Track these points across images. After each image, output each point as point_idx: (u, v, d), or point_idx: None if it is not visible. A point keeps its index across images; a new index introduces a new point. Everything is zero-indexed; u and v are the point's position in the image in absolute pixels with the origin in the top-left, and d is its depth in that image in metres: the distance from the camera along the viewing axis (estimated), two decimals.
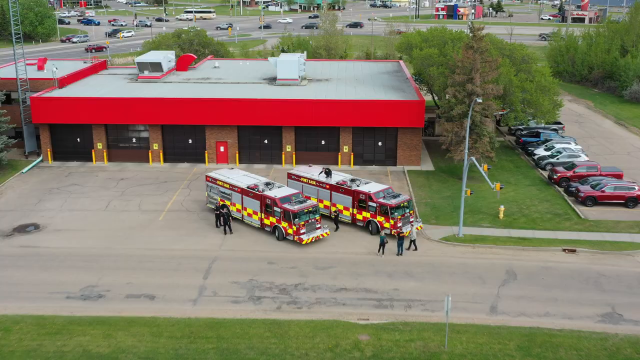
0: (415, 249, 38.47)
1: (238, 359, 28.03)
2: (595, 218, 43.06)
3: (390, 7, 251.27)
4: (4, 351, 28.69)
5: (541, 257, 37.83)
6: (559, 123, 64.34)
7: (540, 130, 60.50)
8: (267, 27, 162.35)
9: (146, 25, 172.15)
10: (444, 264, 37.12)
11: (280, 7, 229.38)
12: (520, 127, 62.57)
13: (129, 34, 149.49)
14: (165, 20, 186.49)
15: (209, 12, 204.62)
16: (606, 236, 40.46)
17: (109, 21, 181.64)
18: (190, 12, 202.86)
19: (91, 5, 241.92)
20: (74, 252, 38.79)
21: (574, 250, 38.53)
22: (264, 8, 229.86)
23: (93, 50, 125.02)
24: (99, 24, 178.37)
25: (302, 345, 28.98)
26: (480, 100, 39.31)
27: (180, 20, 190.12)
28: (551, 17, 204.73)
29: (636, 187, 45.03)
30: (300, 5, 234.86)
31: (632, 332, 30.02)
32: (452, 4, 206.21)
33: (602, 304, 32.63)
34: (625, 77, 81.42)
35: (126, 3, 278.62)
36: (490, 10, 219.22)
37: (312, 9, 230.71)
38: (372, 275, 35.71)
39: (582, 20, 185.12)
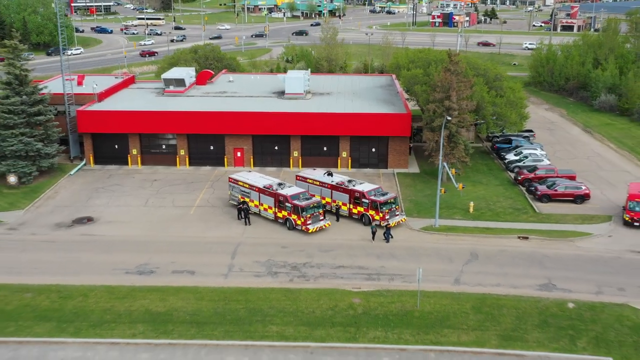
0: (387, 239, 47.45)
1: (262, 315, 37.50)
2: (548, 212, 52.51)
3: (394, 14, 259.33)
4: (86, 310, 38.20)
5: (500, 243, 47.27)
6: (530, 131, 73.81)
7: (512, 138, 69.84)
8: (217, 37, 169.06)
9: (157, 34, 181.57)
10: (422, 248, 46.56)
11: (284, 15, 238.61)
12: (497, 134, 71.84)
13: (77, 52, 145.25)
14: (182, 29, 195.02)
15: (158, 18, 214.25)
16: (554, 226, 49.89)
17: (121, 29, 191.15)
18: (142, 18, 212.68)
19: (101, 12, 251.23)
20: (125, 239, 48.32)
21: (526, 238, 47.98)
22: (266, 15, 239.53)
23: (147, 56, 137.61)
24: (111, 32, 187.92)
25: (310, 305, 38.44)
26: (449, 118, 48.74)
27: (127, 26, 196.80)
28: (543, 24, 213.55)
29: (583, 187, 54.48)
30: (302, 12, 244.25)
31: (560, 297, 39.44)
32: (447, 12, 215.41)
33: (542, 277, 42.07)
34: (595, 88, 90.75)
35: (133, 9, 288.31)
36: (485, 17, 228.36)
37: (313, 16, 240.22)
38: (364, 256, 45.18)
39: (571, 28, 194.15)
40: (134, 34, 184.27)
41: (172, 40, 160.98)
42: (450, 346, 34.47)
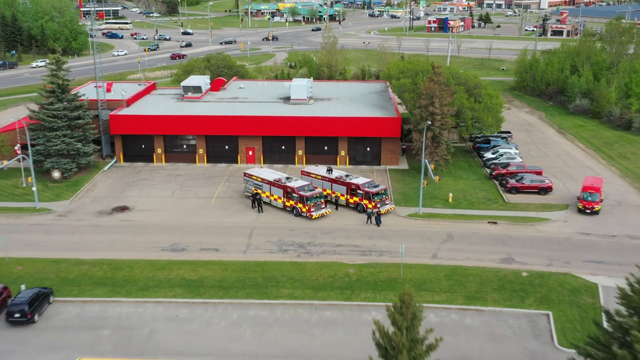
0: (377, 223, 56.63)
1: (275, 282, 46.62)
2: (515, 202, 61.62)
3: (399, 18, 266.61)
4: (133, 278, 47.34)
5: (472, 227, 56.41)
6: (508, 132, 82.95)
7: (491, 138, 78.89)
8: (188, 45, 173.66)
9: (165, 39, 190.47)
10: (407, 231, 55.70)
11: (286, 20, 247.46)
12: (478, 135, 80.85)
13: (42, 64, 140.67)
14: (190, 34, 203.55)
15: (126, 23, 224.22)
16: (520, 213, 59.02)
17: (132, 35, 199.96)
18: (110, 22, 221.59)
19: (110, 16, 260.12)
20: (158, 223, 57.49)
21: (495, 223, 57.12)
22: (269, 19, 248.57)
23: (177, 58, 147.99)
24: (122, 37, 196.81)
25: (314, 274, 47.58)
26: (430, 122, 57.88)
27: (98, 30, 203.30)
28: (535, 28, 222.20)
29: (547, 181, 63.62)
30: (303, 17, 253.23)
31: (517, 268, 48.56)
32: (443, 17, 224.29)
33: (504, 253, 51.22)
34: (571, 93, 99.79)
35: (139, 13, 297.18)
36: (479, 22, 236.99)
37: (314, 20, 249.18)
38: (359, 237, 54.35)
39: (560, 33, 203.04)
40: (143, 39, 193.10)
41: (145, 50, 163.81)
42: (425, 303, 43.47)
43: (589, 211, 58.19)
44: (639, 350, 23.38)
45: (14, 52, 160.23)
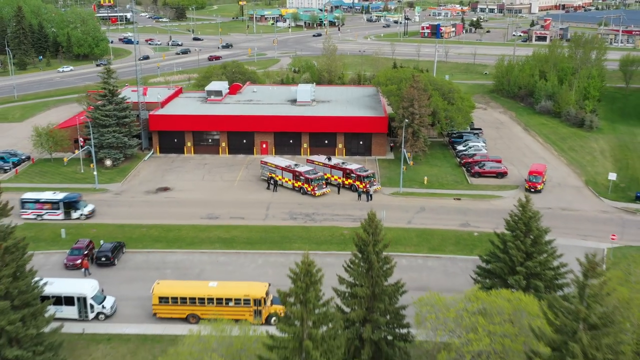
0: (368, 199, 72.36)
1: (289, 239, 62.30)
2: (477, 183, 77.36)
3: (401, 24, 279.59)
4: (182, 237, 63.10)
5: (441, 202, 72.15)
6: (479, 129, 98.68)
7: (464, 134, 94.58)
8: (146, 57, 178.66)
9: (178, 45, 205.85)
10: (390, 204, 71.37)
11: (289, 26, 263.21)
12: (454, 132, 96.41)
13: (68, 69, 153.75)
14: (200, 39, 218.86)
15: None
16: (479, 192, 74.74)
17: (146, 40, 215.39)
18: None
19: (122, 21, 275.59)
20: (194, 200, 73.22)
21: (459, 199, 72.86)
22: (273, 24, 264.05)
23: (214, 60, 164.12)
24: (137, 43, 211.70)
25: (317, 235, 63.30)
26: (407, 121, 73.71)
27: None
28: (522, 34, 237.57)
29: (503, 167, 79.40)
30: (305, 22, 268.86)
31: (471, 230, 64.28)
32: (435, 23, 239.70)
33: (463, 220, 66.94)
34: (538, 95, 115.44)
35: (149, 17, 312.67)
36: (470, 27, 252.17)
37: (315, 26, 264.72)
38: (352, 209, 70.07)
39: (544, 38, 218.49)
40: (158, 44, 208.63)
41: (97, 65, 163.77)
42: (398, 252, 59.33)
43: (533, 190, 73.87)
44: (512, 254, 39.17)
45: (41, 57, 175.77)
